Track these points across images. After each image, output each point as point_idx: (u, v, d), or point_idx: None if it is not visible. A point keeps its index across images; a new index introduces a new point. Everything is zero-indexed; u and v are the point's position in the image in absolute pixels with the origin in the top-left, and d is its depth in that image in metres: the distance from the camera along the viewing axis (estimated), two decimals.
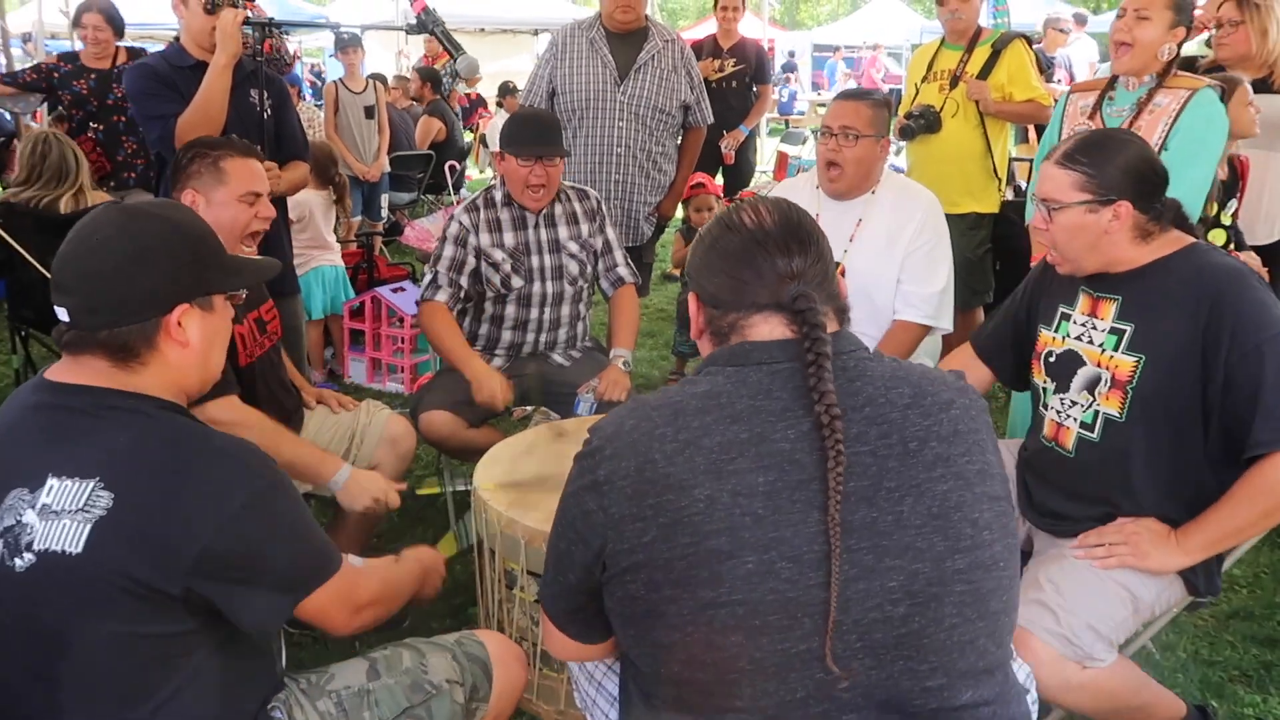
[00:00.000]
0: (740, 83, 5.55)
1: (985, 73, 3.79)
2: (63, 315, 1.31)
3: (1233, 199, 2.99)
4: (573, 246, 2.98)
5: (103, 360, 1.31)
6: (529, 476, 2.17)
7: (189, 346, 1.35)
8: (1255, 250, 3.10)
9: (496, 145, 9.06)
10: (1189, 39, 2.76)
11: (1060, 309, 1.96)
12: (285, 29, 5.45)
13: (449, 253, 2.89)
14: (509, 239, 2.91)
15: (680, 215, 4.44)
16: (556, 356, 3.06)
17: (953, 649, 1.12)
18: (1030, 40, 3.97)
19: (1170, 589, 1.83)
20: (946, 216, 2.78)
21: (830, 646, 1.08)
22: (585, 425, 1.34)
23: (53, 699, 1.25)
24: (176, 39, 3.05)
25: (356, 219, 6.35)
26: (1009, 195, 4.07)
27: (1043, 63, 6.02)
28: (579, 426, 2.47)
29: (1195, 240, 1.84)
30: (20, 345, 3.83)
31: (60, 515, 1.21)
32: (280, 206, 2.97)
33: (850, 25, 22.52)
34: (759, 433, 1.13)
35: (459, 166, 8.14)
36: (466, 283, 2.90)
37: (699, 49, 5.30)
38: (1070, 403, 1.90)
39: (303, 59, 14.96)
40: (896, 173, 3.07)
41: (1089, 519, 1.87)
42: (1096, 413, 1.85)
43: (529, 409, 2.93)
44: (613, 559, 1.15)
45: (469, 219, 2.91)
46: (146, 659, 1.25)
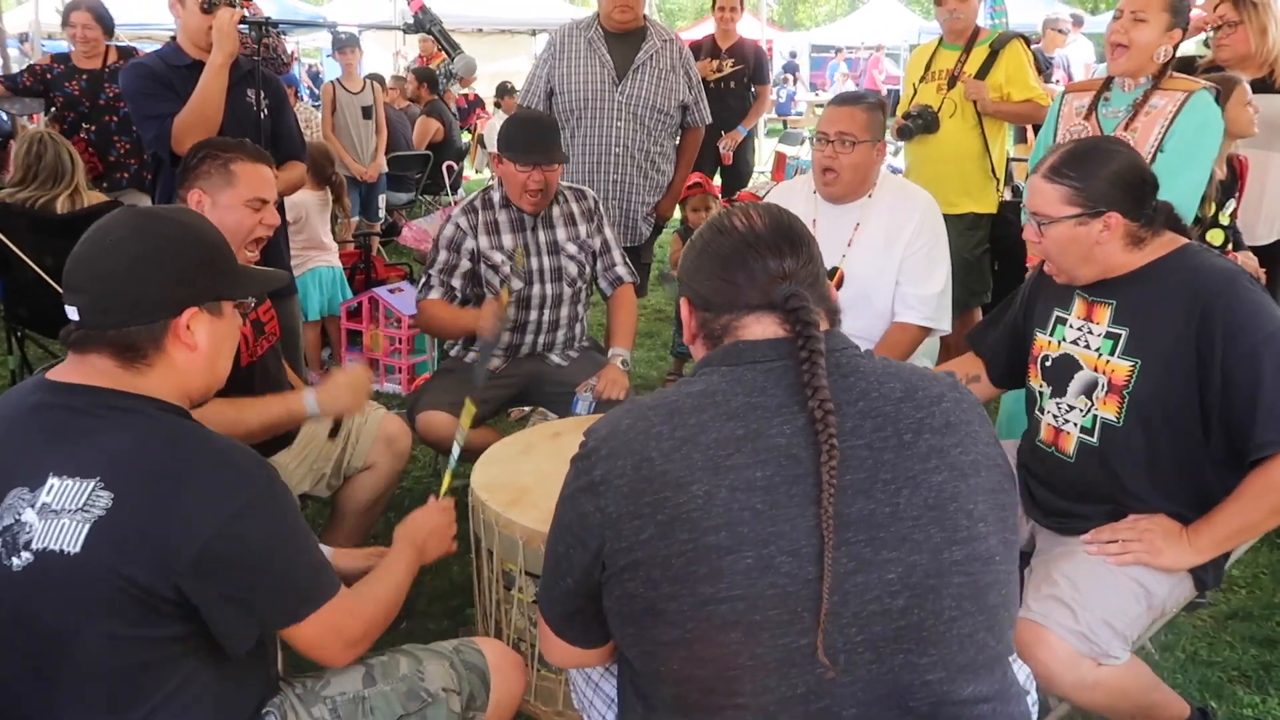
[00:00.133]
0: (738, 83, 5.55)
1: (983, 73, 3.78)
2: (73, 315, 1.31)
3: (1231, 198, 2.98)
4: (571, 248, 2.98)
5: (109, 360, 1.31)
6: (527, 476, 2.16)
7: (196, 350, 1.35)
8: (1255, 250, 3.10)
9: (494, 146, 9.06)
10: (1185, 39, 2.75)
11: (1056, 313, 1.95)
12: (282, 28, 5.44)
13: (442, 258, 2.92)
14: (508, 241, 2.91)
15: (678, 215, 4.43)
16: (554, 357, 3.06)
17: (952, 642, 1.12)
18: (1028, 40, 3.97)
19: (1181, 585, 1.83)
20: (944, 217, 2.77)
21: (824, 640, 1.08)
22: (583, 425, 1.34)
23: (48, 700, 1.25)
24: (173, 38, 3.04)
25: (354, 219, 6.34)
26: (1007, 195, 4.06)
27: (1041, 63, 6.02)
28: (577, 426, 2.45)
29: (1187, 242, 1.84)
30: (16, 346, 3.83)
31: (60, 514, 1.21)
32: (278, 207, 2.96)
33: (848, 26, 22.56)
34: (755, 429, 1.13)
35: (456, 167, 8.13)
36: (459, 285, 2.92)
37: (697, 49, 5.30)
38: (1068, 407, 1.90)
39: (300, 59, 14.94)
40: (894, 174, 3.07)
41: (1098, 516, 1.87)
42: (1095, 418, 1.85)
43: (527, 409, 2.93)
44: (611, 559, 1.15)
45: (466, 221, 2.91)
46: (142, 661, 1.24)
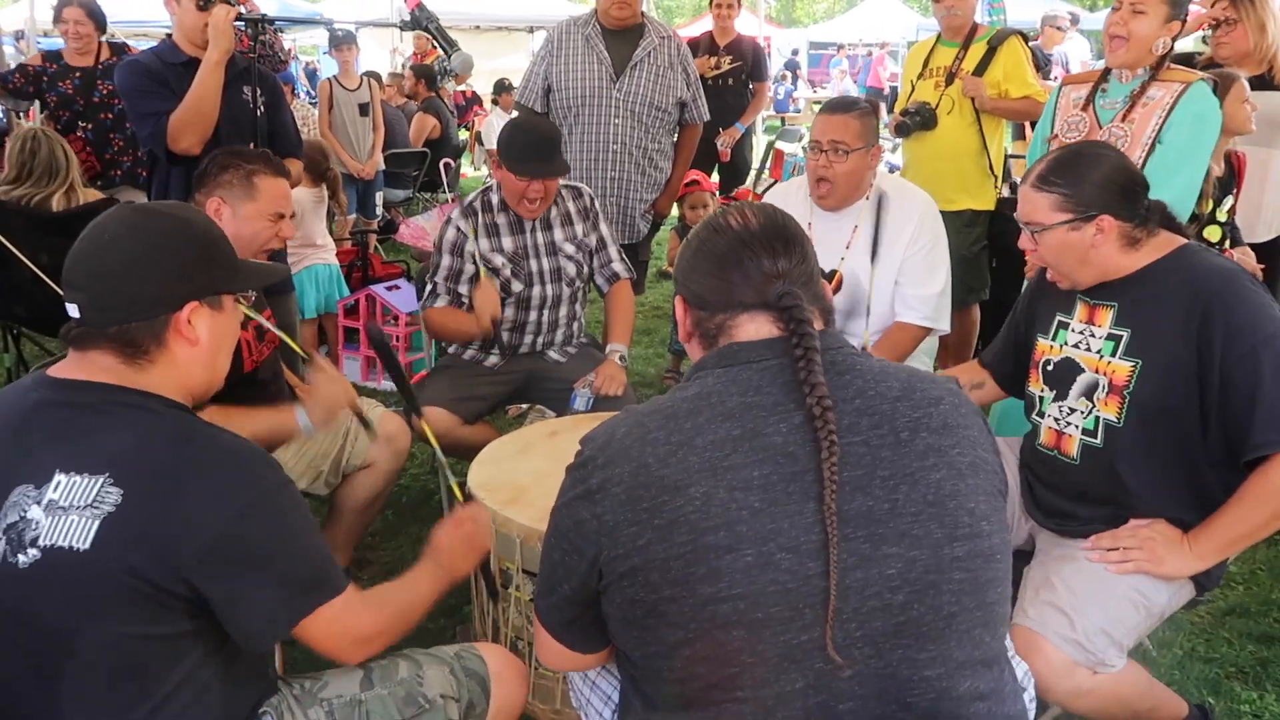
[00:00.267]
0: (736, 80, 5.54)
1: (981, 69, 3.77)
2: (73, 312, 1.31)
3: (1229, 195, 2.98)
4: (569, 248, 2.97)
5: (111, 357, 1.31)
6: (524, 475, 2.16)
7: (198, 345, 1.35)
8: (1253, 248, 3.09)
9: (491, 143, 9.04)
10: (1183, 35, 2.74)
11: (1058, 318, 1.95)
12: (279, 25, 5.42)
13: (446, 262, 2.89)
14: (507, 244, 2.90)
15: (676, 213, 4.43)
16: (552, 353, 3.06)
17: (950, 638, 1.12)
18: (1026, 37, 3.97)
19: (1182, 590, 1.82)
20: (942, 214, 2.76)
21: (831, 635, 1.08)
22: (581, 422, 1.33)
23: (52, 698, 1.24)
24: (169, 35, 3.03)
25: (351, 216, 6.33)
26: (1005, 192, 4.06)
27: (1039, 59, 6.02)
28: (574, 425, 2.46)
29: (1186, 242, 1.83)
30: (12, 344, 3.82)
31: (68, 511, 1.21)
32: None
33: (847, 22, 22.56)
34: (752, 428, 1.13)
35: (454, 164, 8.12)
36: (465, 290, 2.89)
37: (695, 46, 5.29)
38: (1069, 410, 1.89)
39: (297, 56, 14.92)
40: (892, 174, 3.05)
41: (1098, 519, 1.86)
42: (1097, 419, 1.84)
43: (524, 406, 2.92)
44: (608, 566, 1.16)
45: (466, 224, 2.89)
46: (146, 659, 1.24)
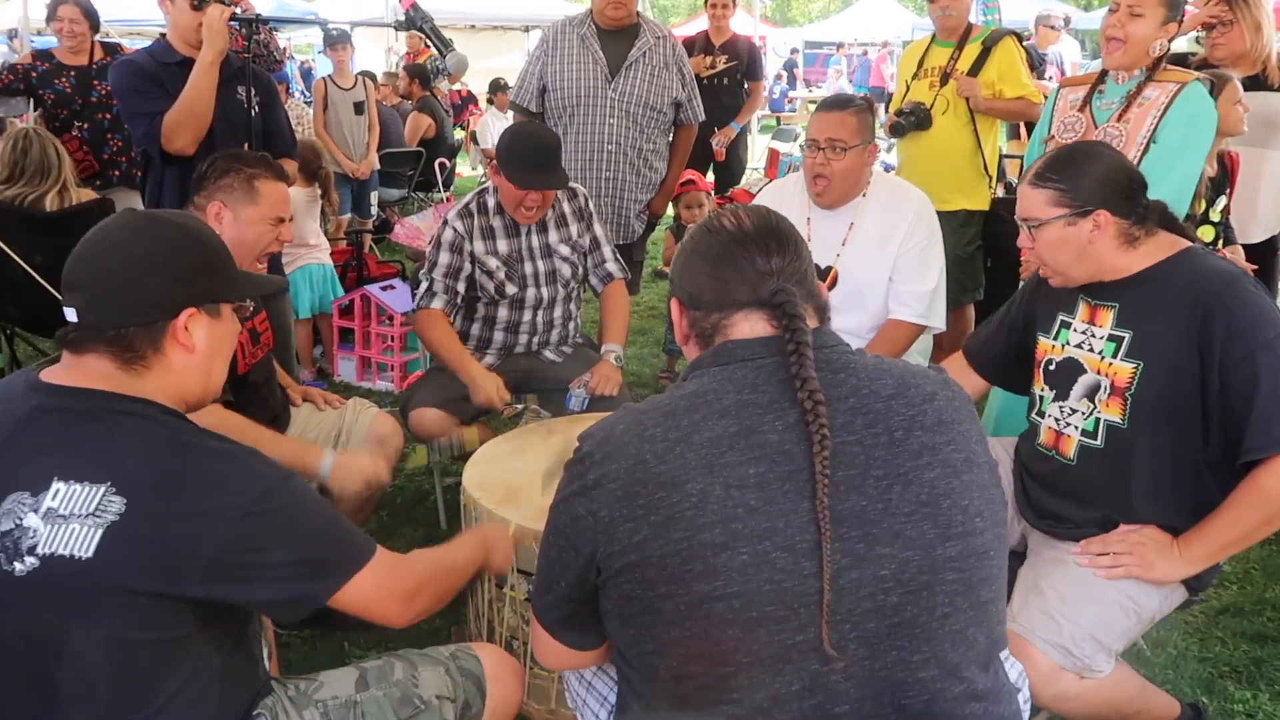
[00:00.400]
0: (732, 79, 5.55)
1: (975, 70, 3.78)
2: (71, 315, 1.31)
3: (1222, 195, 2.99)
4: (564, 250, 2.96)
5: (107, 362, 1.30)
6: (518, 476, 2.15)
7: (194, 352, 1.35)
8: (1247, 248, 3.10)
9: (486, 143, 9.01)
10: (1179, 35, 2.75)
11: (1060, 317, 1.95)
12: (274, 25, 5.41)
13: (444, 259, 2.84)
14: (503, 246, 2.88)
15: (671, 213, 4.43)
16: (548, 353, 3.05)
17: (945, 639, 1.13)
18: (1021, 37, 3.97)
19: (1173, 595, 1.82)
20: (938, 214, 2.77)
21: (826, 635, 1.08)
22: (576, 422, 1.34)
23: (50, 704, 1.24)
24: (163, 35, 3.03)
25: (346, 216, 6.32)
26: (999, 192, 4.07)
27: (1034, 59, 6.03)
28: (570, 424, 2.46)
29: (1190, 244, 1.83)
30: (6, 344, 3.81)
31: (69, 519, 1.20)
32: None
33: (842, 22, 22.58)
34: (748, 425, 1.14)
35: (449, 163, 8.11)
36: (464, 288, 2.87)
37: (690, 46, 5.29)
38: (1070, 410, 1.89)
39: (292, 56, 14.90)
40: (887, 172, 3.06)
41: (1090, 523, 1.86)
42: (1098, 420, 1.84)
43: (520, 406, 2.92)
44: (605, 562, 1.16)
45: (462, 225, 2.86)
46: (145, 663, 1.24)
